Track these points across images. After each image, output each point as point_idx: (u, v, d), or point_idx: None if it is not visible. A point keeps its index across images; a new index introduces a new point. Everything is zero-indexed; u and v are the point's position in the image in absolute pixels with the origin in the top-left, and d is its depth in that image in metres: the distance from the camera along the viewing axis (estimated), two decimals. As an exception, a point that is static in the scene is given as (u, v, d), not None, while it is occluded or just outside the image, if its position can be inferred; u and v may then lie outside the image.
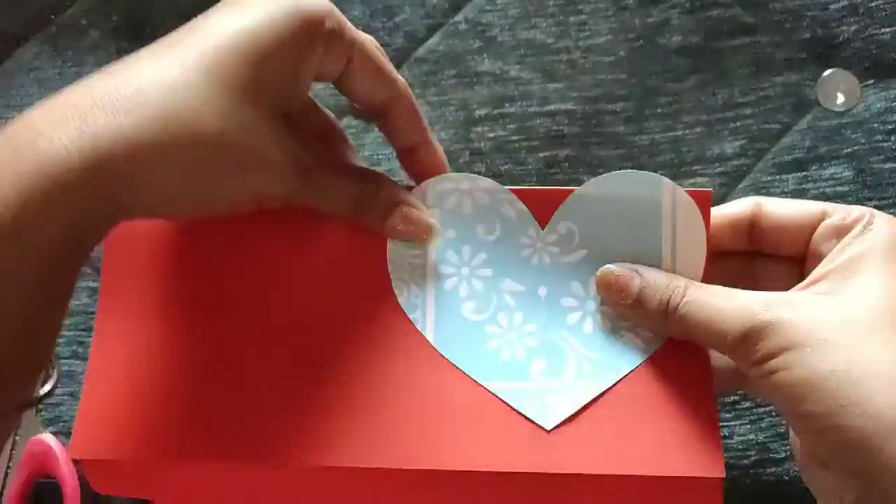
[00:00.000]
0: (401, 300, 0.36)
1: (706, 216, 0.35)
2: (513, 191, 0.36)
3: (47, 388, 0.44)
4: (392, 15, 0.53)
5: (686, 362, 0.34)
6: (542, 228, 0.36)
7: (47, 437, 0.43)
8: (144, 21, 0.55)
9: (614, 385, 0.34)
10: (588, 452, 0.33)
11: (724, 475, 0.32)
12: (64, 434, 0.44)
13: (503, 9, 0.52)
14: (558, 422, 0.34)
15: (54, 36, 0.55)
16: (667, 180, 0.35)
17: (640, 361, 0.34)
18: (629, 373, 0.34)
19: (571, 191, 0.36)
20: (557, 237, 0.36)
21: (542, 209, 0.36)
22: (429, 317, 0.36)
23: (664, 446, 0.33)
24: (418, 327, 0.35)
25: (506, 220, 0.36)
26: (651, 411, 0.33)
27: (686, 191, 0.35)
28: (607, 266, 0.34)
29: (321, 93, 0.51)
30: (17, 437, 0.43)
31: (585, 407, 0.34)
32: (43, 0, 0.56)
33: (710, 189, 0.35)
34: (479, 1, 0.53)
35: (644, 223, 0.35)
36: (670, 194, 0.35)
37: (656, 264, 0.35)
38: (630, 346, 0.35)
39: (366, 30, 0.53)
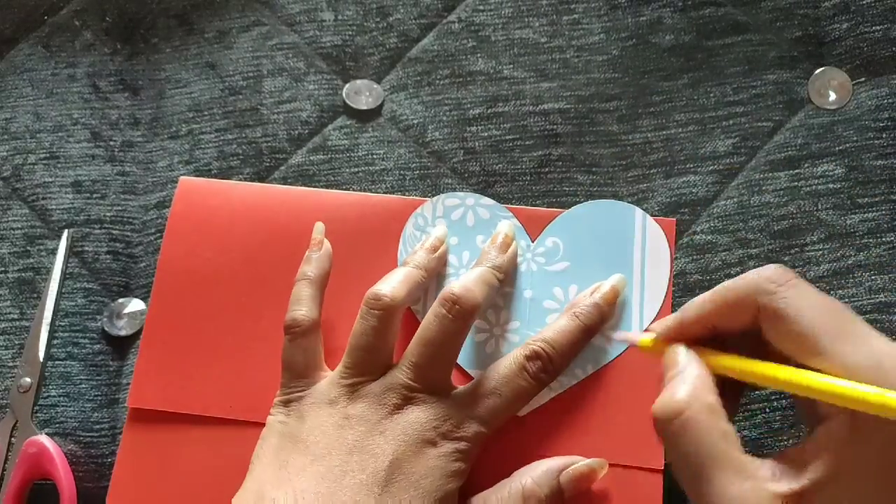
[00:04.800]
0: None
1: (671, 239, 0.41)
2: (510, 208, 0.42)
3: (27, 380, 0.44)
4: (385, 15, 0.53)
5: (645, 366, 0.39)
6: (532, 241, 0.42)
7: (43, 439, 0.43)
8: (137, 22, 0.55)
9: (582, 380, 0.39)
10: (552, 437, 0.38)
11: (662, 467, 0.37)
12: (60, 435, 0.44)
13: (496, 8, 0.53)
14: (530, 409, 0.38)
15: (47, 37, 0.55)
16: (639, 210, 0.42)
17: (606, 361, 0.39)
18: (595, 371, 0.39)
19: (560, 212, 0.42)
20: (545, 249, 0.41)
21: (534, 225, 0.42)
22: (428, 308, 0.39)
23: (616, 438, 0.38)
24: (418, 318, 0.40)
25: None
26: (609, 406, 0.38)
27: (654, 219, 0.41)
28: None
29: (315, 92, 0.51)
30: (13, 439, 0.43)
31: (555, 398, 0.38)
32: (36, 1, 0.56)
33: (674, 219, 0.42)
34: (473, 0, 0.53)
35: (618, 242, 0.41)
36: (641, 220, 0.41)
37: (627, 276, 0.40)
38: (599, 347, 0.39)
39: (359, 30, 0.53)
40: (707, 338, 0.33)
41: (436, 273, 0.41)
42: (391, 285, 0.37)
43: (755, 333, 0.31)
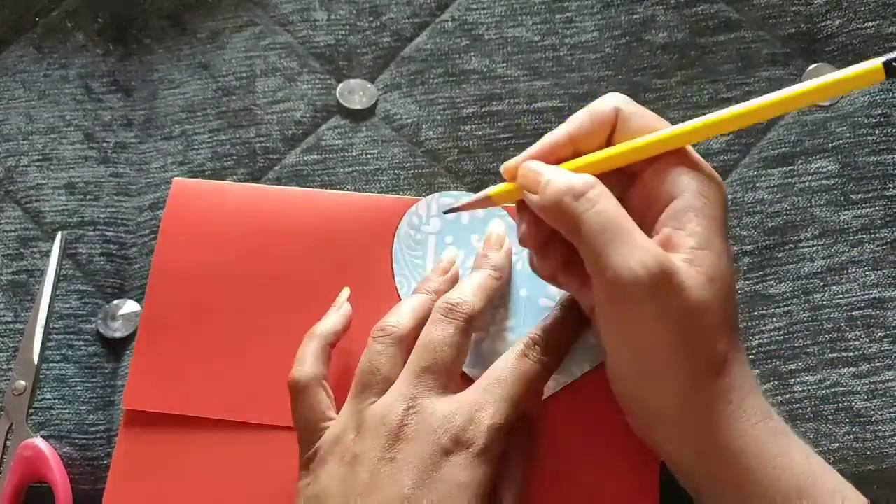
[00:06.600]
0: (401, 293, 0.41)
1: None
2: (504, 207, 0.42)
3: (22, 383, 0.43)
4: (379, 14, 0.53)
5: None
6: None
7: (38, 442, 0.42)
8: (129, 23, 0.55)
9: (579, 378, 0.38)
10: (549, 434, 0.38)
11: (659, 465, 0.36)
12: (55, 438, 0.44)
13: (490, 7, 0.53)
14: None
15: (39, 38, 0.55)
16: None
17: (600, 361, 0.38)
18: (592, 369, 0.38)
19: None
20: None
21: None
22: None
23: (613, 435, 0.37)
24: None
25: None
26: (606, 404, 0.36)
27: None
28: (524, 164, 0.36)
29: (309, 91, 0.51)
30: (8, 442, 0.43)
31: (553, 395, 0.38)
32: (27, 2, 0.55)
33: None
34: (466, -1, 0.53)
35: None
36: None
37: None
38: (595, 345, 0.38)
39: (352, 29, 0.53)
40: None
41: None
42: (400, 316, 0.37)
43: None
